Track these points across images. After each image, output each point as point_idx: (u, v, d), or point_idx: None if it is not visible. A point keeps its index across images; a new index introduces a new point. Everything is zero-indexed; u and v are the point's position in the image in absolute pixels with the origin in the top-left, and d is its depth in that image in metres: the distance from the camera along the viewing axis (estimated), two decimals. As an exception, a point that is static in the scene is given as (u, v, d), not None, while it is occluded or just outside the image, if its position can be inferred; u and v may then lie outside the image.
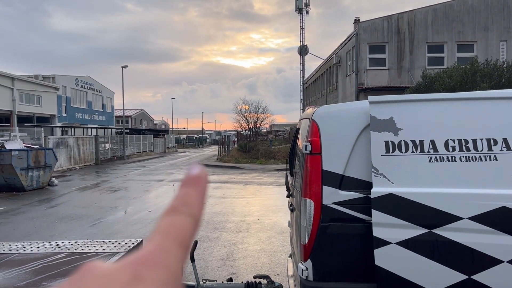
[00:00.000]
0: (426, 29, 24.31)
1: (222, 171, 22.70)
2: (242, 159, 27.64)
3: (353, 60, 25.59)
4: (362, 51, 24.74)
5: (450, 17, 24.17)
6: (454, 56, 24.04)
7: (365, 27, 24.70)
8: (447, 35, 24.22)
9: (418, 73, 23.12)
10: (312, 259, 2.88)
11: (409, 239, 2.67)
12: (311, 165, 2.96)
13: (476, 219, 2.62)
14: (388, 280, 2.67)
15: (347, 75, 27.67)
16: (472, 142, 2.73)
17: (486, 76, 17.98)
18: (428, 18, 24.29)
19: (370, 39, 24.65)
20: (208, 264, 6.00)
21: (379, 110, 2.85)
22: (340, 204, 2.86)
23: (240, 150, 30.85)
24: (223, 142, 34.93)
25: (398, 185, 2.74)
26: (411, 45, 24.38)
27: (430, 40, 24.31)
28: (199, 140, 74.08)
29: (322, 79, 37.55)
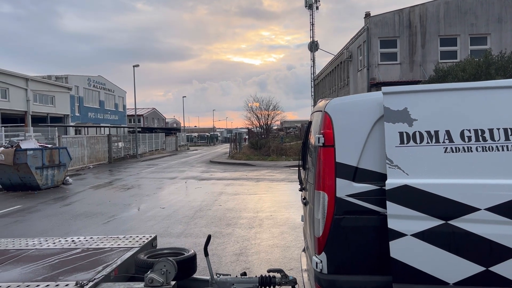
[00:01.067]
0: (438, 22, 24.00)
1: (233, 168, 22.75)
2: (253, 156, 27.66)
3: (364, 55, 25.40)
4: (373, 45, 24.53)
5: (462, 10, 23.82)
6: (467, 49, 23.70)
7: (376, 21, 24.48)
8: (460, 28, 23.89)
9: (431, 67, 22.86)
10: (326, 252, 2.86)
11: (425, 230, 2.64)
12: (324, 158, 2.94)
13: (493, 210, 2.58)
14: (403, 272, 2.64)
15: (358, 70, 27.47)
16: (489, 132, 2.68)
17: (500, 69, 17.70)
18: (440, 11, 23.97)
19: (381, 34, 24.43)
20: (222, 259, 6.01)
21: (393, 101, 2.82)
22: (354, 196, 2.83)
23: (251, 147, 30.87)
24: (234, 140, 35.00)
25: (413, 176, 2.70)
26: (423, 39, 24.10)
27: (443, 34, 24.01)
28: (210, 138, 74.34)
29: (333, 75, 37.34)
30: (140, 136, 37.67)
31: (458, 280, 2.60)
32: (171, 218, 9.21)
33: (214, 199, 11.64)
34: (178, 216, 9.40)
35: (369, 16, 24.88)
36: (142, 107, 69.74)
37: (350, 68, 30.01)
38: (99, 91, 45.21)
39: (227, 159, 28.57)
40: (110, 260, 3.73)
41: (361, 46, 26.47)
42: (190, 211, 9.95)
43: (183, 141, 55.60)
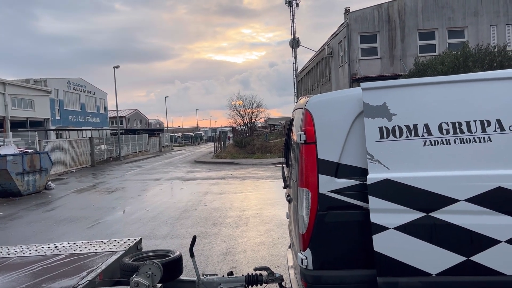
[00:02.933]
0: (417, 17, 24.32)
1: (219, 167, 22.69)
2: (238, 155, 27.65)
3: (345, 51, 25.58)
4: (354, 41, 24.73)
5: (439, 4, 24.18)
6: (446, 43, 24.08)
7: (356, 17, 24.68)
8: (438, 22, 24.25)
9: (410, 61, 23.15)
10: (311, 248, 2.88)
11: (407, 223, 2.67)
12: (306, 154, 2.96)
13: (472, 201, 2.63)
14: (387, 265, 2.67)
15: (339, 66, 27.66)
16: (466, 124, 2.73)
17: (478, 61, 18.04)
18: (418, 5, 24.29)
19: (361, 29, 24.64)
20: (208, 259, 6.00)
21: (372, 96, 2.85)
22: (337, 192, 2.86)
23: (236, 146, 30.84)
24: (218, 139, 34.91)
25: (394, 170, 2.74)
26: (402, 33, 24.40)
27: (421, 28, 24.33)
28: (195, 138, 73.99)
29: (315, 71, 37.52)
30: (123, 138, 37.27)
31: (440, 270, 2.65)
32: (157, 219, 9.14)
33: (199, 199, 11.60)
34: (163, 217, 9.34)
35: (349, 11, 25.06)
36: (124, 109, 68.98)
37: (331, 64, 30.20)
38: (80, 93, 44.54)
39: (212, 158, 28.49)
40: (94, 265, 3.69)
41: (341, 42, 26.65)
42: (175, 212, 9.89)
43: (167, 142, 55.19)
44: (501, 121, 2.70)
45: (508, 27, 24.05)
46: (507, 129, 2.69)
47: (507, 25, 24.03)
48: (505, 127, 2.69)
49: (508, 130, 2.69)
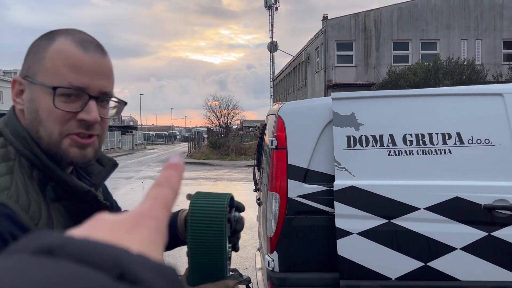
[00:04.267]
0: (392, 27, 24.92)
1: (192, 167, 22.59)
2: (212, 156, 27.59)
3: (322, 57, 25.95)
4: (330, 48, 25.12)
5: (414, 16, 24.87)
6: (419, 54, 24.77)
7: (333, 24, 25.08)
8: (412, 33, 24.92)
9: (384, 70, 23.69)
10: (278, 251, 2.96)
11: (370, 229, 2.79)
12: (277, 160, 3.04)
13: (431, 209, 2.77)
14: (349, 269, 2.78)
15: (315, 72, 28.03)
16: (428, 136, 2.88)
17: (448, 74, 18.66)
18: (393, 16, 24.91)
19: (338, 37, 25.06)
20: (178, 260, 6.00)
21: (341, 106, 2.96)
22: (305, 197, 2.95)
23: (211, 147, 30.77)
24: (193, 139, 34.76)
25: (359, 177, 2.86)
26: (377, 43, 24.96)
27: (396, 38, 24.95)
28: (169, 137, 73.36)
29: (291, 76, 37.88)
30: (95, 134, 36.49)
31: (399, 275, 2.78)
32: (127, 219, 9.04)
33: (171, 199, 11.54)
34: (134, 216, 9.24)
35: (327, 19, 25.46)
36: (97, 105, 67.50)
37: (308, 69, 30.57)
38: (51, 87, 43.45)
39: (186, 158, 28.33)
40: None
41: (318, 48, 27.03)
42: (146, 211, 9.81)
43: (140, 140, 54.52)
44: (461, 134, 2.86)
45: (478, 42, 24.96)
46: (466, 142, 2.85)
47: (477, 40, 24.94)
48: (464, 141, 2.85)
49: (467, 144, 2.85)
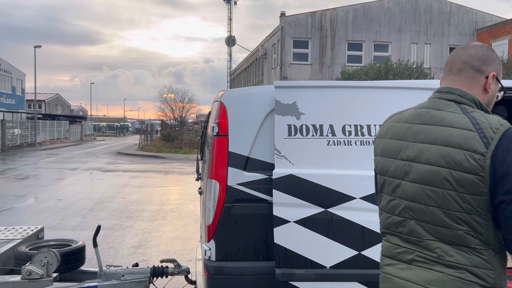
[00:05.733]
0: (347, 28, 25.50)
1: (142, 160, 22.07)
2: (164, 148, 27.08)
3: (278, 54, 26.12)
4: (287, 45, 25.33)
5: (368, 18, 25.57)
6: (371, 55, 25.51)
7: (290, 21, 25.29)
8: (366, 35, 25.62)
9: (338, 70, 24.22)
10: (215, 239, 2.91)
11: (307, 217, 2.80)
12: (217, 147, 2.98)
13: (367, 199, 2.81)
14: (286, 257, 2.78)
15: (272, 68, 28.19)
16: (367, 127, 2.92)
17: (397, 75, 19.33)
18: (349, 16, 25.48)
19: (295, 34, 25.31)
20: (119, 252, 5.82)
21: (284, 95, 2.94)
22: (245, 185, 2.91)
23: (163, 139, 30.19)
24: (145, 131, 33.96)
25: (298, 166, 2.85)
26: (332, 42, 25.45)
27: (350, 38, 25.55)
28: (120, 128, 71.29)
29: (248, 71, 37.88)
30: (40, 123, 34.87)
31: (334, 263, 2.80)
32: (68, 210, 8.67)
33: (117, 191, 11.19)
34: (75, 208, 8.88)
35: (284, 15, 25.63)
36: (44, 92, 64.52)
37: (264, 65, 30.68)
38: (-6, 71, 40.92)
39: (136, 151, 27.64)
40: (-16, 253, 3.41)
41: (275, 45, 27.18)
42: (89, 203, 9.45)
43: (90, 131, 52.57)
44: (398, 127, 2.92)
45: (427, 46, 26.08)
46: (402, 134, 2.91)
47: (426, 44, 26.05)
48: (400, 133, 2.92)
49: (403, 136, 2.91)
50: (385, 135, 1.74)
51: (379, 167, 1.77)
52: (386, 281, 1.68)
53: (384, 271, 1.71)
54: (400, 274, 1.59)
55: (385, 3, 25.72)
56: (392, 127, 1.72)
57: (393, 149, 1.65)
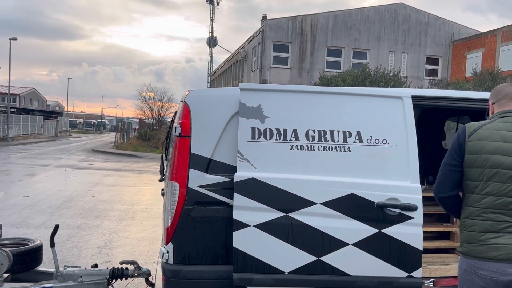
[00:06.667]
0: (327, 34, 25.73)
1: (117, 158, 21.71)
2: (140, 147, 26.74)
3: (258, 57, 26.14)
4: (267, 48, 25.38)
5: (348, 25, 25.87)
6: (350, 62, 25.80)
7: (271, 25, 25.37)
8: (345, 41, 25.91)
9: (317, 75, 24.39)
10: (173, 242, 2.85)
11: (267, 222, 2.77)
12: (179, 148, 2.93)
13: (327, 204, 2.80)
14: (244, 262, 2.74)
15: (252, 70, 28.19)
16: (330, 133, 2.92)
17: (374, 83, 19.59)
18: (329, 23, 25.72)
19: (275, 38, 25.39)
20: (82, 252, 5.67)
21: (249, 97, 2.91)
22: (206, 187, 2.87)
23: (140, 138, 29.83)
24: (121, 129, 33.45)
25: (261, 170, 2.82)
26: (312, 47, 25.63)
27: (330, 44, 25.79)
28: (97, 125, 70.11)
29: (228, 73, 37.81)
30: (14, 117, 33.95)
31: (292, 269, 2.78)
32: (34, 207, 8.43)
33: (87, 190, 10.96)
34: (43, 205, 8.65)
35: (266, 19, 25.68)
36: (19, 86, 62.89)
37: (245, 67, 30.67)
38: (-34, 62, 39.62)
39: (112, 149, 27.20)
40: None
41: (256, 48, 27.21)
42: (58, 200, 9.22)
43: (65, 127, 51.50)
44: (361, 134, 2.93)
45: (404, 55, 26.55)
46: (365, 141, 2.92)
47: (403, 53, 26.52)
48: (363, 140, 2.92)
49: (365, 143, 2.92)
50: (489, 138, 2.27)
51: (490, 161, 2.24)
52: (498, 249, 2.23)
53: (492, 242, 2.25)
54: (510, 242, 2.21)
55: (365, 11, 26.09)
56: (496, 133, 2.28)
57: (506, 148, 2.23)
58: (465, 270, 2.34)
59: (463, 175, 2.34)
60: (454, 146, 2.36)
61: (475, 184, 2.29)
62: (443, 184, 2.39)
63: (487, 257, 2.25)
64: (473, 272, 2.29)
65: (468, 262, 2.31)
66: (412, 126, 2.97)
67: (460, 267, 2.38)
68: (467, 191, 2.35)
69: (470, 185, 2.31)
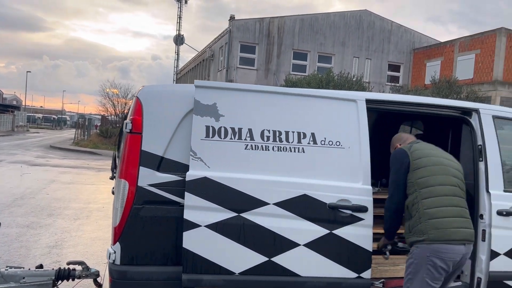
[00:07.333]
0: (293, 37, 25.95)
1: (76, 155, 21.03)
2: (101, 145, 26.00)
3: (225, 57, 26.03)
4: (234, 48, 25.32)
5: (314, 29, 26.19)
6: (315, 65, 26.12)
7: (239, 25, 25.33)
8: (311, 45, 26.21)
9: (283, 77, 24.56)
10: (121, 242, 2.76)
11: (218, 222, 2.73)
12: (130, 145, 2.84)
13: (280, 205, 2.80)
14: (194, 263, 2.69)
15: (218, 70, 28.04)
16: (285, 134, 2.91)
17: (338, 87, 19.91)
18: (296, 26, 25.95)
19: (242, 38, 25.36)
20: (31, 252, 5.42)
21: (204, 95, 2.86)
22: (157, 186, 2.80)
23: (101, 135, 29.04)
24: (82, 125, 32.47)
25: (214, 169, 2.78)
26: (278, 50, 25.78)
27: (296, 48, 26.02)
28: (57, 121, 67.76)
29: (195, 71, 37.46)
30: (-35, 110, 32.22)
31: (243, 270, 2.75)
32: (-18, 205, 8.00)
33: (42, 187, 10.52)
34: (-9, 203, 8.23)
35: (233, 19, 25.62)
36: (-27, 78, 59.72)
37: (211, 67, 30.48)
38: None
39: (71, 145, 26.33)
40: None
41: (223, 47, 27.08)
42: (8, 198, 8.80)
43: (23, 122, 49.41)
44: (315, 135, 2.94)
45: (368, 61, 27.16)
46: (319, 143, 2.94)
47: (367, 59, 27.13)
48: (317, 141, 2.94)
49: (319, 144, 2.94)
50: (421, 148, 2.92)
51: (432, 161, 2.84)
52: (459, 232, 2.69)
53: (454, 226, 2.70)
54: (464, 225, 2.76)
55: (331, 16, 26.52)
56: (423, 145, 2.97)
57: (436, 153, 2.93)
58: (427, 256, 2.64)
59: (411, 178, 2.78)
60: (401, 166, 2.83)
61: (426, 179, 2.72)
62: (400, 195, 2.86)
63: (451, 239, 2.63)
64: (437, 256, 2.63)
65: (433, 247, 2.63)
66: (365, 129, 3.01)
67: (419, 255, 2.68)
68: (419, 187, 2.74)
69: (422, 181, 2.73)
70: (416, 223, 2.73)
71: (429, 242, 2.65)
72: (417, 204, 2.73)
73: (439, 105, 3.34)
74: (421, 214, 2.70)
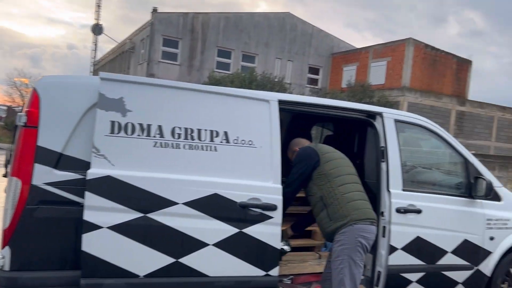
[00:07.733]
0: (218, 34, 25.86)
1: (-25, 149, 19.04)
2: (5, 138, 23.85)
3: (146, 50, 25.18)
4: (156, 42, 24.58)
5: (239, 28, 26.33)
6: (239, 64, 26.25)
7: (161, 18, 24.64)
8: (235, 44, 26.31)
9: (206, 74, 24.37)
10: (11, 246, 2.51)
11: (122, 223, 2.59)
12: (24, 140, 2.59)
13: (189, 204, 2.73)
14: (94, 266, 2.53)
15: (139, 63, 27.06)
16: (197, 132, 2.84)
17: (260, 86, 20.23)
18: (220, 23, 25.89)
19: (165, 32, 24.72)
20: None
21: (110, 88, 2.70)
22: (54, 185, 2.58)
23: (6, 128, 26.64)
24: (-16, 117, 29.52)
25: (119, 167, 2.63)
26: (203, 46, 25.53)
27: (220, 45, 25.96)
28: (-46, 111, 60.88)
29: (114, 63, 35.81)
30: None
31: (148, 272, 2.65)
32: None
33: None
34: None
35: (156, 12, 24.87)
36: None
37: (131, 59, 29.32)
38: None
39: (-30, 138, 23.82)
40: None
41: (144, 40, 26.18)
42: None
43: None
44: (228, 134, 2.91)
45: (289, 63, 27.92)
46: (232, 142, 2.91)
47: (289, 61, 27.89)
48: (230, 140, 2.91)
49: (232, 143, 2.91)
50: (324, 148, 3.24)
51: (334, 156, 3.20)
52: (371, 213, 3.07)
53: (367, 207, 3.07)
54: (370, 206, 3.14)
55: (255, 16, 26.85)
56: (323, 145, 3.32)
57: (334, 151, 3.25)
58: (356, 238, 2.88)
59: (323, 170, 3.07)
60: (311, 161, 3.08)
61: (337, 169, 3.05)
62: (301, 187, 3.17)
63: (368, 217, 2.94)
64: (363, 237, 2.89)
65: (357, 227, 2.88)
66: (276, 129, 3.04)
67: (348, 240, 2.89)
68: (332, 177, 3.01)
69: (334, 171, 3.03)
70: (337, 208, 2.95)
71: (353, 222, 2.88)
72: (333, 191, 2.97)
73: (347, 108, 3.48)
74: (340, 200, 2.95)
